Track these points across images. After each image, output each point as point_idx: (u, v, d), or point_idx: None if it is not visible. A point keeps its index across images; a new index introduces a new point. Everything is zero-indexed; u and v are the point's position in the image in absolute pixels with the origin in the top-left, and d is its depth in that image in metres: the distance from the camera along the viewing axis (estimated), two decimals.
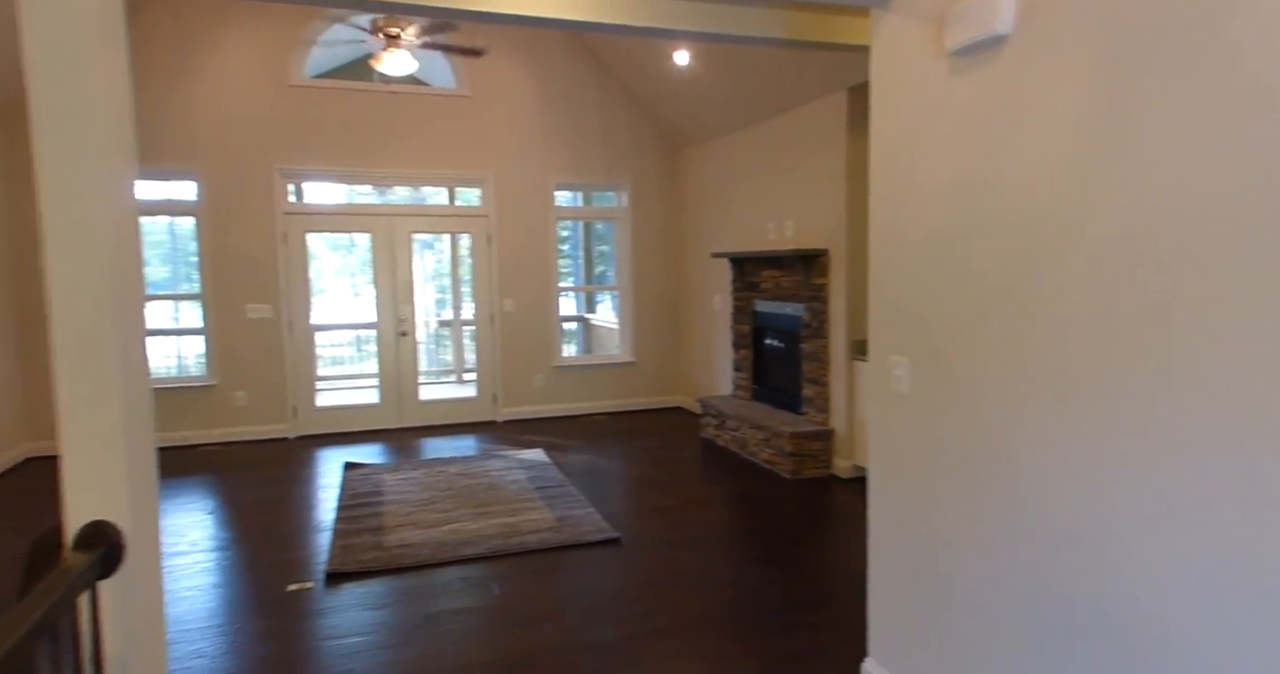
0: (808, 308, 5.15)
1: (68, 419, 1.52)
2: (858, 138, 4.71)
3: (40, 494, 4.64)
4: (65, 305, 1.51)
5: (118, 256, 1.56)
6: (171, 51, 5.62)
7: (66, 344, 1.51)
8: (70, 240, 1.51)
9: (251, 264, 5.93)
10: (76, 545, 1.48)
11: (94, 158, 1.50)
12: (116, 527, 1.51)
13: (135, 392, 1.62)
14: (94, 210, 1.51)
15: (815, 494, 4.60)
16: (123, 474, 1.55)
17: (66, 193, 1.50)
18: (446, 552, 3.62)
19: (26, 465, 5.31)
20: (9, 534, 3.92)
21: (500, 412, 6.73)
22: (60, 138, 1.48)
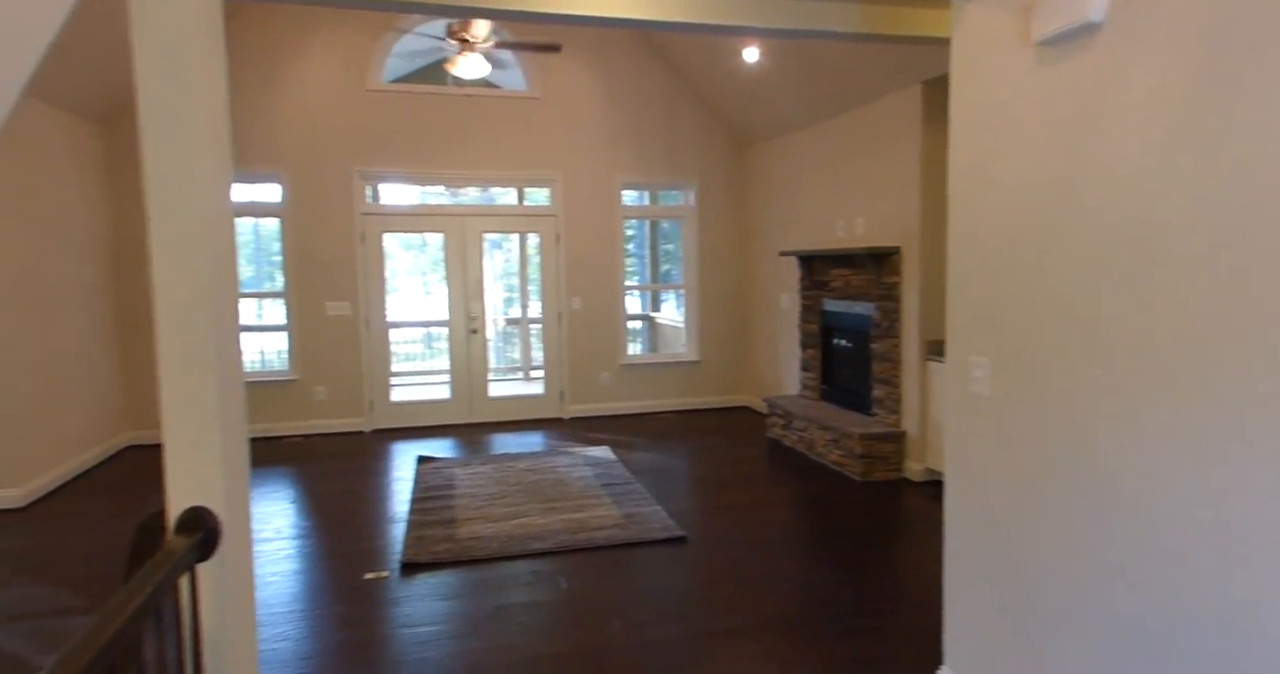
0: (879, 307, 5.03)
1: (170, 411, 1.61)
2: (933, 132, 4.57)
3: (139, 480, 4.95)
4: (168, 303, 1.61)
5: (216, 256, 1.65)
6: (259, 60, 5.90)
7: (169, 340, 1.61)
8: (174, 241, 1.61)
9: (331, 263, 6.17)
10: (177, 529, 1.57)
11: (196, 162, 1.59)
12: (213, 512, 1.59)
13: (230, 385, 1.71)
14: (196, 212, 1.60)
15: (886, 497, 4.49)
16: (219, 463, 1.64)
17: (171, 196, 1.59)
18: (516, 545, 3.68)
19: (127, 453, 5.67)
20: (112, 517, 4.20)
21: (567, 409, 6.82)
22: (166, 143, 1.58)
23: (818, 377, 5.89)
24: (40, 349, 4.67)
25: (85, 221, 5.31)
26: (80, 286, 5.23)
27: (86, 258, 5.32)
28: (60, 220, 4.99)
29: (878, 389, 5.08)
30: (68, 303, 5.04)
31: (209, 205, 1.62)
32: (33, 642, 2.83)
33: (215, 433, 1.63)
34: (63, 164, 5.06)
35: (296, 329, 6.17)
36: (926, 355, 4.67)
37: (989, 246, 2.05)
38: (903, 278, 4.81)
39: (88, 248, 5.34)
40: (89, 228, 5.37)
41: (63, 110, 5.04)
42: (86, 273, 5.32)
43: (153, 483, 4.71)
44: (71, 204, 5.13)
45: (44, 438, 4.63)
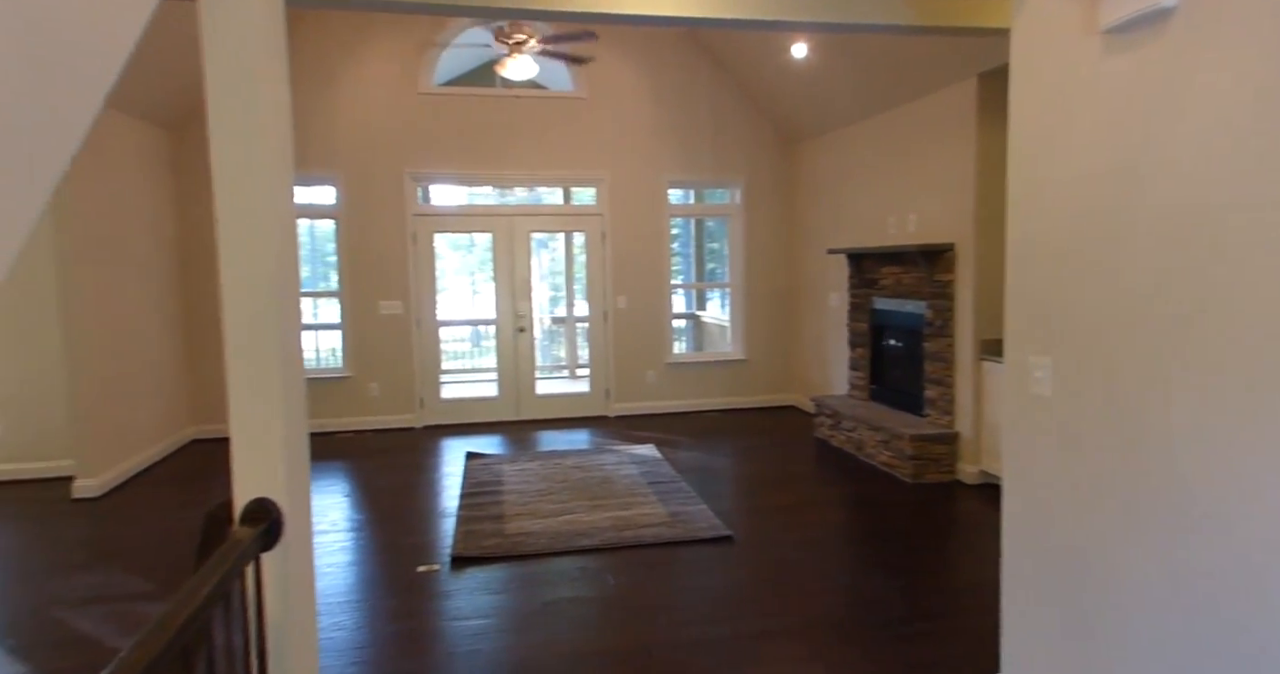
0: (931, 305, 4.92)
1: (236, 407, 1.67)
2: (990, 126, 4.45)
3: (203, 472, 5.15)
4: (235, 302, 1.66)
5: (279, 256, 1.70)
6: (316, 65, 6.07)
7: (236, 338, 1.67)
8: (240, 241, 1.67)
9: (384, 263, 6.32)
10: (243, 520, 1.63)
11: (261, 165, 1.65)
12: (276, 504, 1.65)
13: (293, 381, 1.76)
14: (261, 214, 1.65)
15: (938, 500, 4.39)
16: (281, 456, 1.69)
17: (238, 198, 1.65)
18: (563, 542, 3.72)
19: (192, 446, 5.90)
20: (179, 507, 4.37)
21: (612, 407, 6.85)
22: (233, 147, 1.63)
23: (867, 376, 5.79)
24: (115, 348, 4.89)
25: (154, 224, 5.54)
26: (150, 288, 5.46)
27: (156, 260, 5.55)
28: (132, 223, 5.22)
29: (930, 389, 4.97)
30: (138, 301, 5.27)
31: (273, 207, 1.67)
32: (107, 624, 2.96)
33: (278, 427, 1.68)
34: (134, 169, 5.28)
35: (350, 327, 6.33)
36: (981, 355, 4.56)
37: (1051, 241, 1.99)
38: (957, 275, 4.70)
39: (157, 250, 5.57)
40: (158, 230, 5.60)
41: (133, 117, 5.27)
42: (156, 274, 5.56)
43: (215, 475, 4.94)
44: (142, 207, 5.36)
45: (118, 432, 4.85)
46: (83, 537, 3.95)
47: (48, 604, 3.14)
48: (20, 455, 4.88)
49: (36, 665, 2.66)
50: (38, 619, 3.01)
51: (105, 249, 4.85)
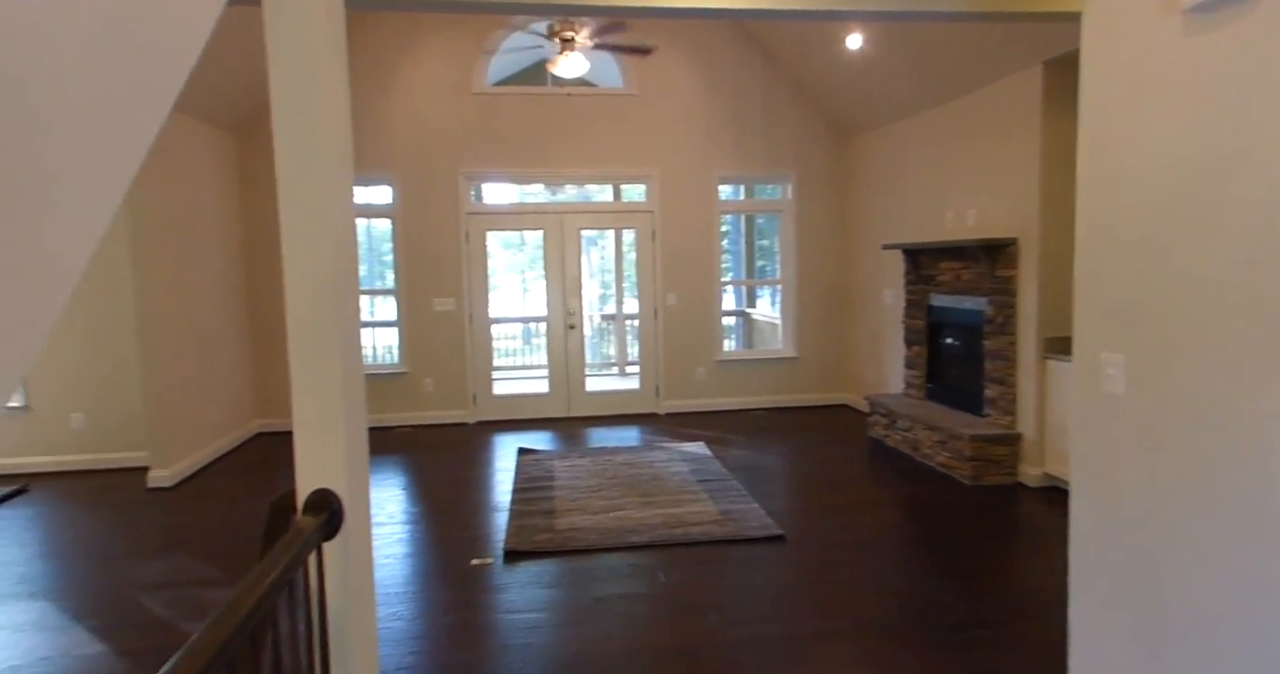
0: (991, 302, 4.77)
1: (299, 400, 1.71)
2: (1056, 116, 4.28)
3: (268, 464, 5.33)
4: (297, 300, 1.71)
5: (339, 254, 1.74)
6: (372, 68, 6.22)
7: (298, 334, 1.71)
8: (302, 240, 1.71)
9: (438, 261, 6.43)
10: (305, 510, 1.67)
11: (323, 164, 1.69)
12: (337, 495, 1.69)
13: (352, 376, 1.80)
14: (322, 212, 1.69)
15: (998, 502, 4.25)
16: (342, 449, 1.73)
17: (300, 197, 1.69)
18: (614, 538, 3.72)
19: (258, 439, 6.12)
20: (245, 498, 4.53)
21: (662, 404, 6.84)
22: (296, 147, 1.68)
23: (923, 375, 5.65)
24: (186, 345, 5.10)
25: (222, 225, 5.76)
26: (217, 284, 5.68)
27: (222, 257, 5.77)
28: (201, 224, 5.43)
29: (990, 389, 4.82)
30: (207, 299, 5.49)
31: (333, 206, 1.71)
32: (178, 609, 3.09)
33: (339, 420, 1.72)
34: (202, 171, 5.50)
35: (406, 324, 6.47)
36: (1045, 353, 4.39)
37: (1125, 233, 1.89)
38: (1019, 271, 4.54)
39: (223, 248, 5.79)
40: (225, 231, 5.82)
41: (201, 120, 5.48)
42: (223, 273, 5.77)
43: (279, 466, 5.10)
44: (208, 207, 5.57)
45: (189, 425, 5.06)
46: (156, 525, 4.13)
47: (125, 588, 3.29)
48: (100, 447, 5.14)
49: (114, 646, 2.80)
50: (116, 602, 3.16)
51: (177, 250, 5.06)
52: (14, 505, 4.45)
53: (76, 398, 5.12)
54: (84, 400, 5.13)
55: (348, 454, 1.76)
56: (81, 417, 5.13)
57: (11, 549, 3.77)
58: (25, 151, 0.73)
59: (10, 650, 2.76)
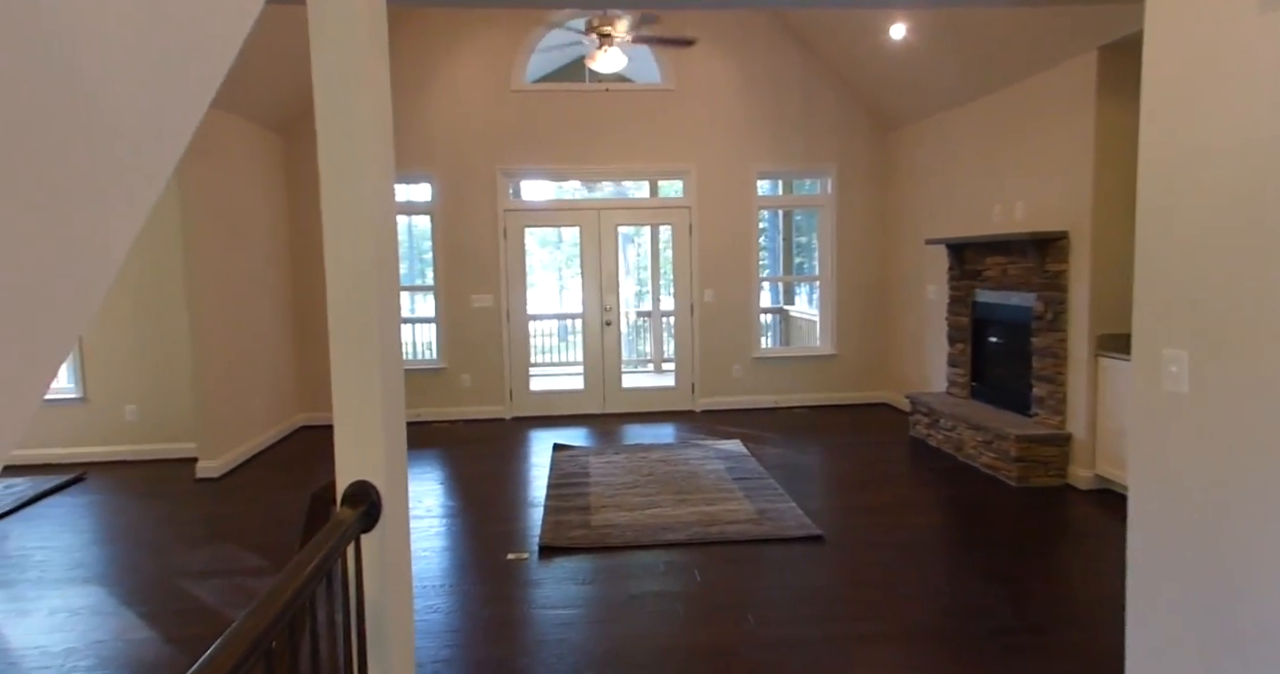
0: (1040, 297, 4.62)
1: (339, 393, 1.73)
2: (1111, 103, 4.12)
3: (311, 456, 5.43)
4: (337, 295, 1.72)
5: (380, 252, 1.75)
6: (413, 66, 6.28)
7: (339, 329, 1.72)
8: (343, 236, 1.72)
9: (476, 257, 6.48)
10: (344, 502, 1.68)
11: (364, 161, 1.69)
12: (375, 487, 1.69)
13: (391, 371, 1.81)
14: (363, 209, 1.70)
15: (1047, 505, 4.12)
16: (381, 441, 1.74)
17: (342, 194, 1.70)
18: (649, 535, 3.70)
19: (300, 432, 6.24)
20: (289, 487, 4.62)
21: (698, 402, 6.79)
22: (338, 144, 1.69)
23: (967, 373, 5.51)
24: (234, 338, 5.22)
25: (267, 222, 5.88)
26: (263, 282, 5.81)
27: (268, 255, 5.89)
28: (246, 221, 5.56)
29: (1039, 387, 4.67)
30: (254, 296, 5.61)
31: (374, 202, 1.71)
32: (223, 596, 3.16)
33: (378, 414, 1.73)
34: (249, 170, 5.62)
35: (444, 320, 6.53)
36: (1098, 350, 4.24)
37: (1190, 222, 1.80)
38: (1070, 265, 4.39)
39: (269, 246, 5.91)
40: (270, 228, 5.94)
41: (248, 120, 5.60)
42: (268, 269, 5.90)
43: (321, 459, 5.18)
44: (255, 206, 5.69)
45: (236, 417, 5.19)
46: (203, 514, 4.23)
47: (173, 575, 3.38)
48: (152, 438, 5.29)
49: (162, 632, 2.87)
50: (164, 589, 3.25)
51: (226, 246, 5.18)
52: (71, 493, 4.61)
53: (131, 390, 5.29)
54: (138, 393, 5.29)
55: (386, 447, 1.77)
56: (135, 408, 5.30)
57: (68, 536, 3.90)
58: (76, 137, 0.73)
59: (67, 633, 2.85)
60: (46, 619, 2.97)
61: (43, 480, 4.75)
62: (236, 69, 4.48)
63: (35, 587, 3.27)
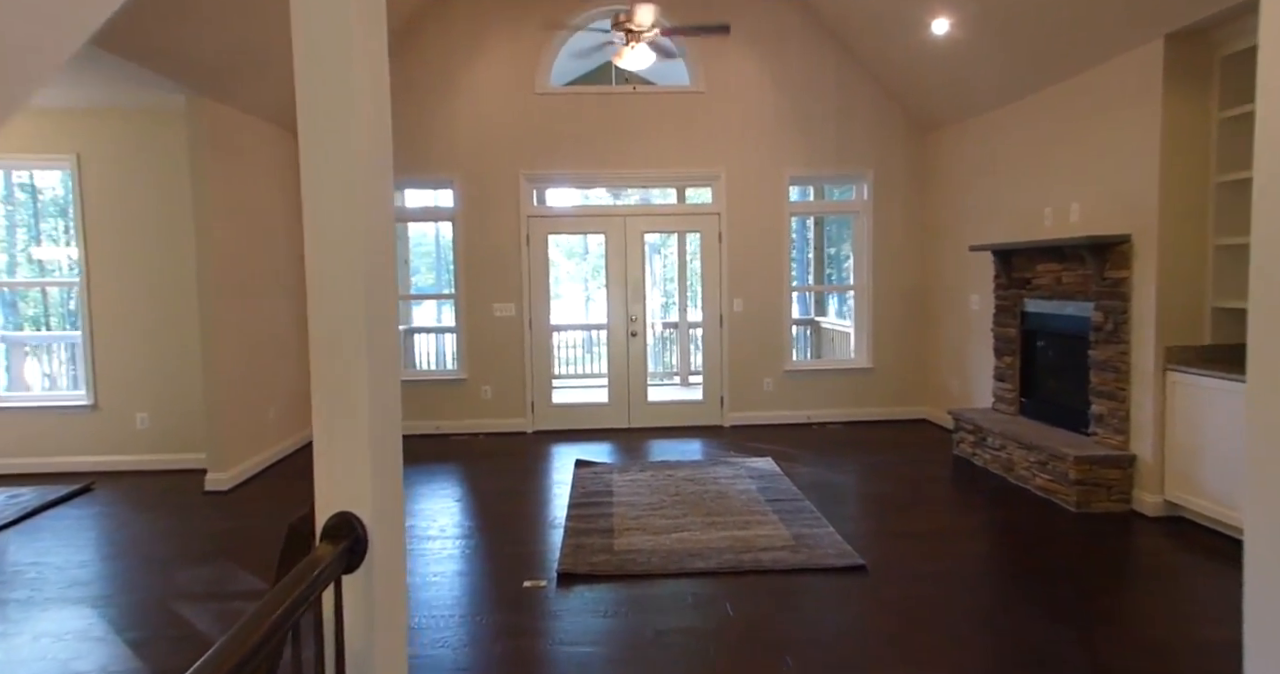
0: (1099, 307, 4.28)
1: (320, 411, 1.49)
2: (1180, 95, 3.80)
3: None
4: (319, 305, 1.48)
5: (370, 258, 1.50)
6: (437, 71, 6.13)
7: (319, 344, 1.49)
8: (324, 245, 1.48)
9: (498, 265, 6.29)
10: (324, 536, 1.44)
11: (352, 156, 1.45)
12: (361, 520, 1.45)
13: (383, 389, 1.56)
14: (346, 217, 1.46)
15: (1111, 533, 3.77)
16: (368, 468, 1.49)
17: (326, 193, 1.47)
18: (675, 563, 3.43)
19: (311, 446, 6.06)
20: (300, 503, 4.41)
21: (727, 417, 6.50)
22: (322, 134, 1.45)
23: (1016, 388, 5.16)
24: (248, 345, 5.06)
25: (285, 225, 5.74)
26: (278, 286, 5.66)
27: (283, 258, 5.75)
28: (263, 226, 5.42)
29: (1098, 404, 4.32)
30: (271, 301, 5.46)
31: (365, 205, 1.48)
32: (220, 622, 2.94)
33: (364, 434, 1.49)
34: (264, 172, 5.48)
35: (466, 330, 6.33)
36: (1167, 364, 3.89)
37: None
38: (1133, 272, 4.05)
39: (285, 249, 5.77)
40: (286, 233, 5.80)
41: (265, 121, 5.47)
42: (283, 272, 5.75)
43: None
44: (273, 209, 5.55)
45: (247, 427, 5.01)
46: (209, 529, 4.04)
47: (170, 597, 3.18)
48: (162, 447, 5.14)
49: (149, 663, 2.65)
50: (158, 613, 3.04)
51: (239, 252, 5.03)
52: (76, 504, 4.46)
53: (142, 398, 5.15)
54: (149, 401, 5.15)
55: (376, 473, 1.52)
56: (146, 417, 5.16)
57: (67, 551, 3.73)
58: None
59: (47, 663, 2.65)
60: (29, 646, 2.77)
61: (49, 490, 4.61)
62: (254, 70, 4.33)
63: (23, 608, 3.09)
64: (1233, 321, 3.87)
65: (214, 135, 4.66)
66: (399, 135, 6.12)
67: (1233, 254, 3.81)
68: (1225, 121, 3.78)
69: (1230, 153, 3.77)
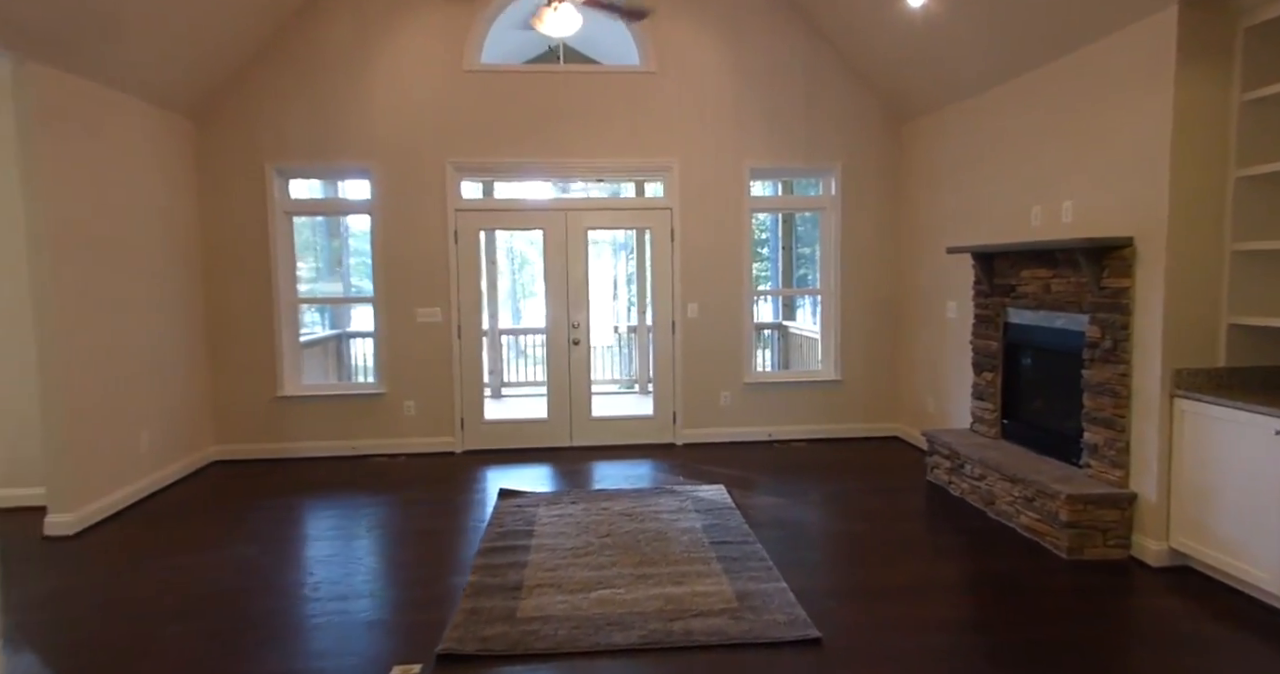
0: (1095, 320, 3.70)
1: None
2: (1197, 72, 3.23)
3: (218, 502, 4.52)
4: None
5: None
6: (351, 45, 5.41)
7: None
8: None
9: (421, 264, 5.59)
10: None
11: None
12: None
13: None
14: None
15: (1113, 589, 3.19)
16: None
17: None
18: (589, 636, 2.78)
19: (212, 469, 5.34)
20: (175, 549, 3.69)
21: (680, 434, 5.87)
22: None
23: (997, 408, 4.59)
24: (111, 361, 4.32)
25: (169, 220, 4.99)
26: (167, 293, 4.91)
27: (174, 262, 5.00)
28: (143, 222, 4.67)
29: (1092, 432, 3.74)
30: (150, 310, 4.71)
31: None
32: None
33: None
34: (145, 161, 4.73)
35: (385, 337, 5.63)
36: (1175, 390, 3.32)
37: None
38: (1136, 281, 3.48)
39: (172, 248, 5.02)
40: (174, 227, 5.05)
41: (147, 101, 4.72)
42: (174, 278, 5.01)
43: (232, 504, 4.15)
44: (151, 201, 4.80)
45: (108, 456, 4.27)
46: (33, 594, 3.30)
47: None
48: None
49: None
50: None
51: (103, 251, 4.28)
52: None
53: None
54: None
55: None
56: None
57: None
58: None
59: None
60: None
61: None
62: (125, 40, 3.38)
63: None
64: (1254, 341, 3.31)
65: (58, 110, 3.90)
66: (305, 116, 5.39)
67: (1255, 261, 3.25)
68: (1249, 104, 3.21)
69: (1254, 141, 3.21)
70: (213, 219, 5.41)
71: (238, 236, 5.43)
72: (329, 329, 7.95)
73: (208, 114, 5.33)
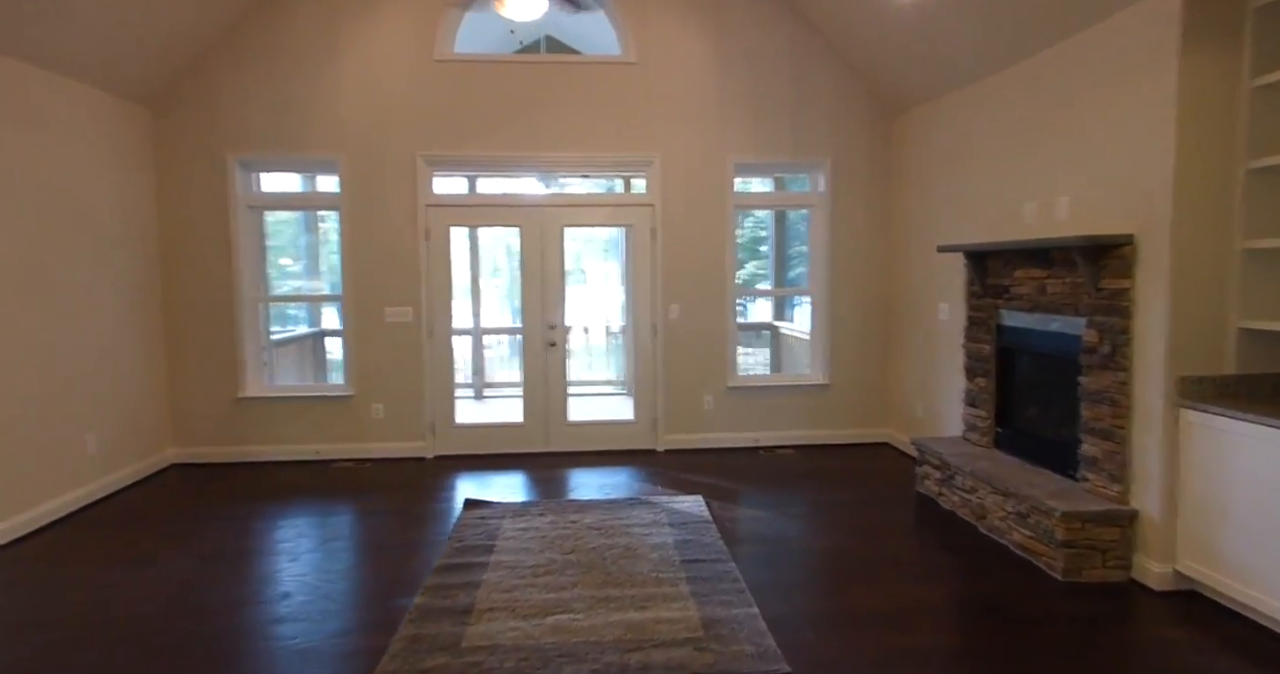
0: (1092, 324, 3.46)
1: None
2: (1204, 56, 2.98)
3: (174, 509, 4.29)
4: None
5: None
6: (318, 32, 5.16)
7: None
8: None
9: (391, 262, 5.35)
10: None
11: None
12: None
13: None
14: None
15: (1113, 615, 2.95)
16: None
17: None
18: (536, 669, 2.54)
19: (169, 473, 5.11)
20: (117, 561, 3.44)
21: (660, 439, 5.64)
22: None
23: (990, 416, 4.35)
24: (49, 357, 4.08)
25: (124, 210, 4.76)
26: (120, 288, 4.68)
27: (123, 248, 4.76)
28: (93, 214, 4.44)
29: (1090, 444, 3.50)
30: (99, 307, 4.48)
31: None
32: None
33: None
34: (97, 151, 4.50)
35: (353, 338, 5.39)
36: (1179, 400, 3.07)
37: None
38: (1137, 282, 3.23)
39: (127, 242, 4.79)
40: (129, 220, 4.82)
41: (103, 90, 4.49)
42: (127, 272, 4.77)
43: (191, 510, 3.87)
44: (103, 193, 4.57)
45: (46, 461, 4.04)
46: None
47: None
48: None
49: None
50: None
51: (43, 244, 4.05)
52: None
53: None
54: None
55: None
56: None
57: None
58: None
59: None
60: None
61: None
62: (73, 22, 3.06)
63: None
64: (1265, 346, 3.06)
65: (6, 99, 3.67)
66: (269, 105, 5.15)
67: (1267, 260, 3.01)
68: (1259, 90, 2.97)
69: (1266, 131, 2.97)
70: (171, 212, 5.17)
71: (198, 231, 5.19)
72: (313, 326, 7.70)
73: (166, 102, 5.09)
